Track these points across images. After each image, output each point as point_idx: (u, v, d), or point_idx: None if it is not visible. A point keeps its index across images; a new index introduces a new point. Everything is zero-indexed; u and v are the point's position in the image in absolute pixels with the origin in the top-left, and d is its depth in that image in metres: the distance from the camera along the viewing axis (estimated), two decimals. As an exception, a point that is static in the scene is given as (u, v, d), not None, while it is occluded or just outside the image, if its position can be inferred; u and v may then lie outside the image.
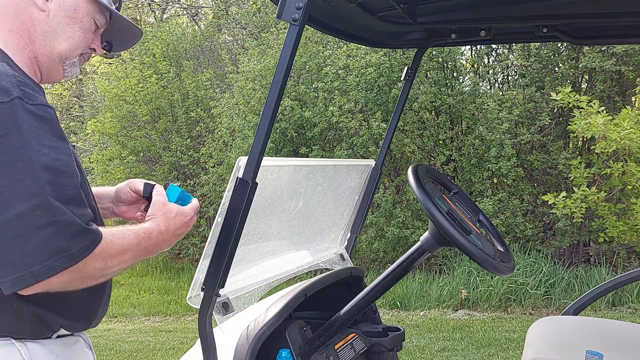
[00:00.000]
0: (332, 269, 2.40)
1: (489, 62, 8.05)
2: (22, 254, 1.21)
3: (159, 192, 1.55)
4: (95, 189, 1.73)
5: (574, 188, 6.37)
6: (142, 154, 10.04)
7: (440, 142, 7.72)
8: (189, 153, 9.46)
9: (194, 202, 1.56)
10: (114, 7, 1.57)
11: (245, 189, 1.50)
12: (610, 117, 5.84)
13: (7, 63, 1.38)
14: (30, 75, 1.45)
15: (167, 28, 10.72)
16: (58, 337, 1.43)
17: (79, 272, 1.27)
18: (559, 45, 7.33)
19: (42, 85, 1.52)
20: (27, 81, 1.35)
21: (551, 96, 6.37)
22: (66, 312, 1.41)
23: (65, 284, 1.28)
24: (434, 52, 7.54)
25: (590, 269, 6.94)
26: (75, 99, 14.93)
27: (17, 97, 1.26)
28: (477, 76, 7.95)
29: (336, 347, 2.05)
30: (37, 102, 1.30)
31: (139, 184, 1.67)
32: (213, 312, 1.58)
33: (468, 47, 7.79)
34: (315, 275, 2.52)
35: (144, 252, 1.41)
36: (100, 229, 1.32)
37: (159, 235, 1.44)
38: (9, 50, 1.43)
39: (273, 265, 2.08)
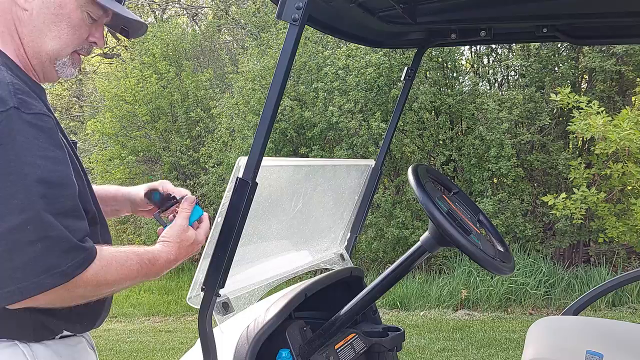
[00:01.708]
0: (332, 269, 2.40)
1: (488, 62, 8.05)
2: (11, 269, 1.18)
3: (183, 214, 1.51)
4: (109, 191, 1.72)
5: (573, 189, 6.37)
6: (142, 154, 10.04)
7: (440, 142, 7.72)
8: (189, 153, 9.47)
9: (206, 223, 1.55)
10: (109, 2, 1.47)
11: (245, 189, 1.49)
12: (610, 118, 5.84)
13: (7, 66, 1.34)
14: (30, 76, 1.42)
15: (167, 28, 10.72)
16: (61, 337, 1.42)
17: (67, 292, 1.23)
18: (559, 45, 7.32)
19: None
20: (26, 87, 1.30)
21: (550, 97, 6.37)
22: (69, 316, 1.39)
23: (52, 301, 1.25)
24: (434, 52, 7.54)
25: (590, 269, 6.94)
26: (75, 99, 14.92)
27: (13, 107, 1.22)
28: (477, 76, 7.95)
29: (336, 347, 2.05)
30: (35, 110, 1.26)
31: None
32: (213, 312, 1.58)
33: (468, 47, 7.79)
34: (315, 275, 2.52)
35: (145, 277, 1.39)
36: (103, 249, 1.28)
37: (165, 264, 1.42)
38: (7, 50, 1.39)
39: (273, 265, 2.07)
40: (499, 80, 8.20)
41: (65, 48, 1.43)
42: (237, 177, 1.51)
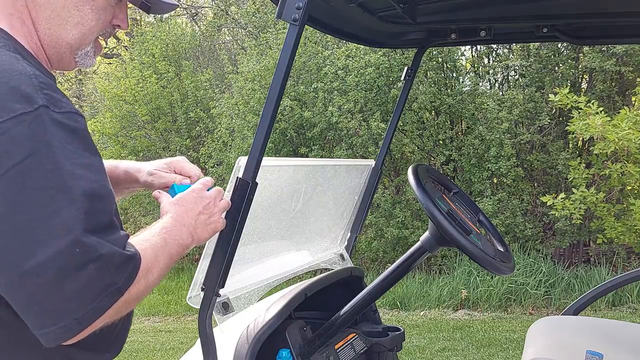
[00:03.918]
0: (332, 269, 2.40)
1: (488, 62, 8.05)
2: (63, 300, 1.01)
3: (162, 197, 1.39)
4: (119, 167, 1.56)
5: (572, 189, 6.37)
6: (141, 154, 10.05)
7: (440, 142, 7.72)
8: (189, 153, 9.47)
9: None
10: None
11: (245, 189, 1.49)
12: (609, 118, 5.85)
13: (22, 55, 1.15)
14: (43, 64, 1.24)
15: (167, 28, 10.73)
16: None
17: (124, 302, 1.10)
18: (559, 45, 7.33)
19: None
20: (49, 80, 1.11)
21: (549, 97, 6.37)
22: (97, 345, 1.26)
23: (110, 318, 1.11)
24: (434, 52, 7.55)
25: (590, 269, 6.94)
26: (75, 99, 14.92)
27: (42, 106, 1.03)
28: (477, 76, 7.96)
29: (336, 347, 2.05)
30: (65, 109, 1.07)
31: (161, 172, 1.52)
32: (213, 312, 1.58)
33: (468, 47, 7.79)
34: (315, 275, 2.52)
35: (176, 248, 1.26)
36: (132, 243, 1.16)
37: (176, 223, 1.28)
38: (17, 36, 1.19)
39: (273, 265, 2.07)
40: (499, 80, 8.20)
41: (88, 36, 1.25)
42: (237, 177, 1.50)
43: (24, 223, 1.00)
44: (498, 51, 7.90)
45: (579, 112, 6.00)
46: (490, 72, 7.93)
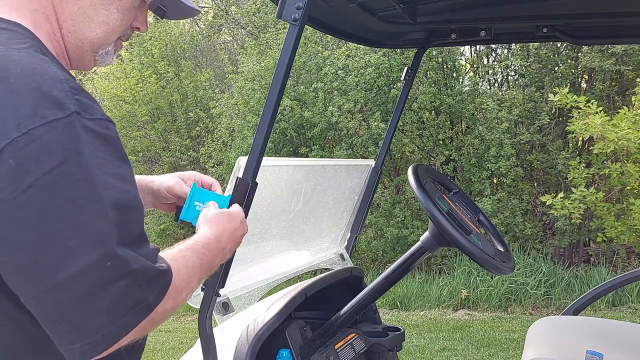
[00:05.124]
0: (332, 269, 2.40)
1: (488, 62, 8.05)
2: (91, 316, 0.97)
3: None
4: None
5: (572, 188, 6.37)
6: (141, 154, 10.05)
7: (440, 142, 7.72)
8: (189, 153, 9.47)
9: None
10: None
11: (245, 189, 1.49)
12: (608, 118, 5.85)
13: (47, 56, 1.10)
14: (62, 64, 1.19)
15: (166, 28, 10.73)
16: None
17: (150, 320, 1.05)
18: (559, 45, 7.33)
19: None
20: (78, 85, 1.07)
21: (549, 97, 6.37)
22: (120, 357, 1.19)
23: (135, 335, 1.05)
24: (434, 52, 7.55)
25: (590, 269, 6.94)
26: (75, 99, 14.92)
27: (74, 112, 0.99)
28: (477, 76, 7.96)
29: (336, 347, 2.05)
30: (96, 116, 1.03)
31: (178, 188, 1.50)
32: (213, 312, 1.58)
33: (468, 47, 7.80)
34: (315, 275, 2.52)
35: (207, 269, 1.23)
36: (168, 255, 1.12)
37: (217, 244, 1.26)
38: (40, 34, 1.14)
39: (273, 265, 2.08)
40: (499, 80, 8.20)
41: (111, 36, 1.23)
42: (237, 177, 1.50)
43: (53, 234, 0.96)
44: (498, 51, 7.90)
45: (579, 112, 6.00)
46: (490, 72, 7.93)
